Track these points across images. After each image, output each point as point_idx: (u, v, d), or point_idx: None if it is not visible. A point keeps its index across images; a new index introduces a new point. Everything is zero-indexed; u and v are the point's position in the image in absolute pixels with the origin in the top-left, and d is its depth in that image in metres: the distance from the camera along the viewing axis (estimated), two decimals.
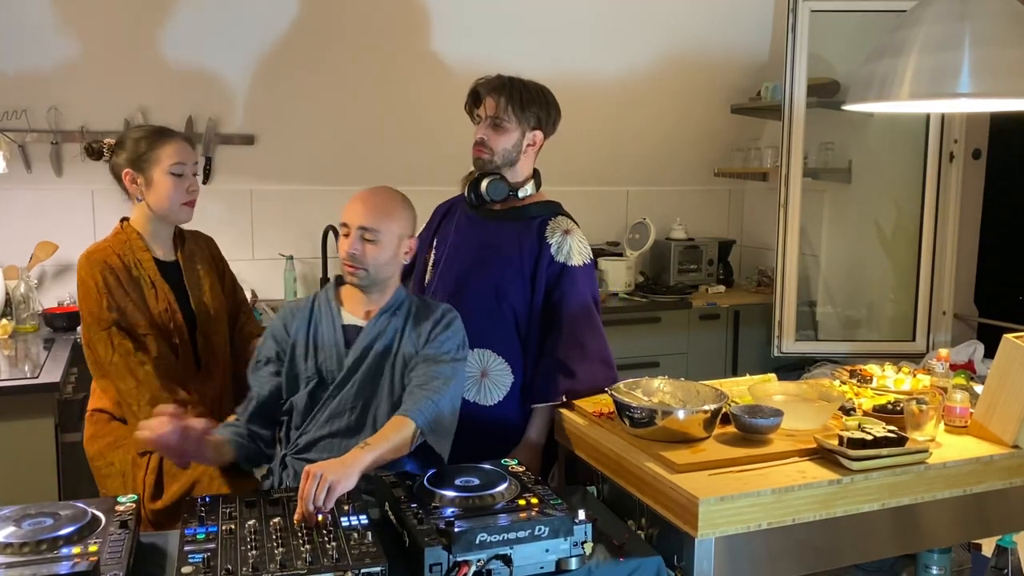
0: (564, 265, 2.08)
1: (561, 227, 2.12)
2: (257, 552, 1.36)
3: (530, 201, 2.17)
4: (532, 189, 2.17)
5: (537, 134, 2.13)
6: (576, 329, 2.07)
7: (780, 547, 1.60)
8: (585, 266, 2.11)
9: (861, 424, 1.73)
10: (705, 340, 4.02)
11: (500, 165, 2.11)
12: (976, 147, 3.72)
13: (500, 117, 2.08)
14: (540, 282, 2.09)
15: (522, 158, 2.13)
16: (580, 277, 2.09)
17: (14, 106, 3.35)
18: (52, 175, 3.49)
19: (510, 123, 2.08)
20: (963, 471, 1.72)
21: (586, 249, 2.14)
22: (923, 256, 3.69)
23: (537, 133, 2.13)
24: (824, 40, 3.61)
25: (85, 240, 3.59)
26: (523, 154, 2.12)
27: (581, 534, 1.46)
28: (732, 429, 1.79)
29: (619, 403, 1.80)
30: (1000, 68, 1.97)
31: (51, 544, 1.36)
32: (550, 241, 2.09)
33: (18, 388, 2.49)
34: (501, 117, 2.08)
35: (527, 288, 2.10)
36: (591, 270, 2.14)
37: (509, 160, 2.11)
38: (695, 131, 4.40)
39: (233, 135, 3.68)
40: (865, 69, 2.17)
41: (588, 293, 2.11)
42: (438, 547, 1.37)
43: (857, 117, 3.39)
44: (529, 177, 2.16)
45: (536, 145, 2.14)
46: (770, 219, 4.03)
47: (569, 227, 2.13)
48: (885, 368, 2.25)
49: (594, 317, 2.11)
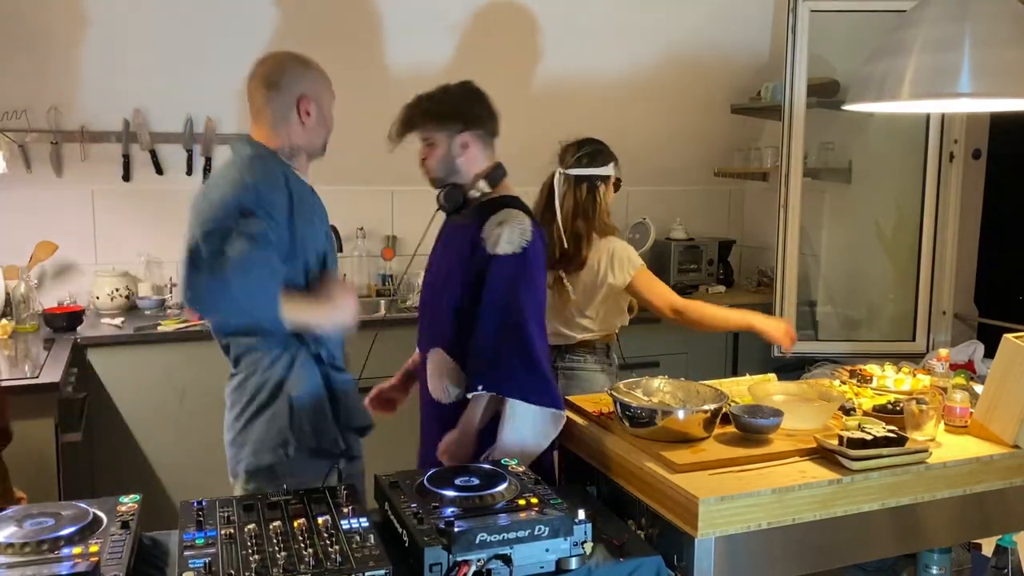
0: (493, 255, 2.04)
1: (498, 219, 2.07)
2: (259, 557, 1.35)
3: (487, 199, 2.15)
4: (487, 187, 2.15)
5: (464, 136, 2.12)
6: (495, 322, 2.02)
7: (780, 547, 1.60)
8: (513, 255, 2.03)
9: (861, 424, 1.73)
10: (705, 340, 4.01)
11: (444, 177, 2.15)
12: (976, 147, 3.72)
13: (424, 136, 2.14)
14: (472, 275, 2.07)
15: (460, 162, 2.13)
16: (505, 267, 2.03)
17: (14, 106, 3.35)
18: (52, 175, 3.49)
19: (434, 138, 2.12)
20: (963, 471, 1.72)
21: (517, 237, 2.05)
22: (923, 256, 3.69)
23: (464, 136, 2.12)
24: (824, 40, 3.61)
25: (85, 240, 3.62)
26: (461, 158, 2.13)
27: (581, 534, 1.46)
28: (732, 429, 1.79)
29: (619, 403, 1.80)
30: (1000, 68, 1.97)
31: (52, 544, 1.36)
32: (484, 234, 2.07)
33: (18, 388, 2.49)
34: (425, 136, 2.14)
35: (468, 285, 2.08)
36: (522, 258, 2.04)
37: (450, 169, 2.14)
38: (695, 131, 4.40)
39: (233, 135, 3.68)
40: (865, 69, 2.17)
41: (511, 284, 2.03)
42: (438, 547, 1.37)
43: (857, 117, 3.39)
44: (480, 176, 2.14)
45: (469, 146, 2.13)
46: (770, 219, 4.02)
47: (505, 217, 2.07)
48: (885, 368, 2.25)
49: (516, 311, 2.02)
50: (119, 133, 3.53)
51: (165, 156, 3.63)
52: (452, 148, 2.12)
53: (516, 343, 1.99)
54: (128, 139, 3.54)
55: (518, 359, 1.98)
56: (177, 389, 3.18)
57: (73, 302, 3.46)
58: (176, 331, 3.19)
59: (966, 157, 3.66)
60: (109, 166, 3.55)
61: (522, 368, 1.98)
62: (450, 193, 2.15)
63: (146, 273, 3.65)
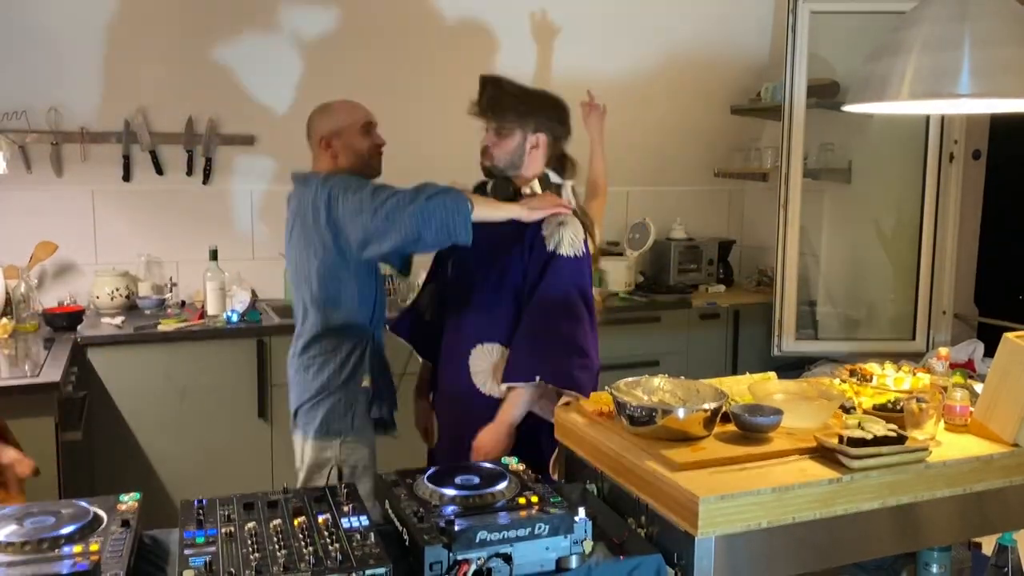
0: (553, 253, 2.10)
1: (559, 220, 2.13)
2: (259, 555, 1.35)
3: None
4: (538, 187, 2.21)
5: (540, 137, 2.18)
6: (553, 314, 2.08)
7: (780, 545, 1.59)
8: (575, 258, 2.11)
9: (861, 423, 1.73)
10: (705, 339, 4.02)
11: (505, 168, 2.19)
12: (976, 147, 3.73)
13: (501, 125, 2.15)
14: (533, 272, 2.12)
15: (526, 160, 2.18)
16: (566, 266, 2.10)
17: (14, 106, 3.36)
18: (52, 175, 3.49)
19: (511, 129, 2.15)
20: (963, 470, 1.72)
21: (579, 242, 2.14)
22: (923, 256, 3.70)
23: (540, 136, 2.18)
24: (824, 40, 3.62)
25: (85, 240, 3.62)
26: (527, 156, 2.18)
27: (581, 532, 1.46)
28: (732, 428, 1.78)
29: (619, 402, 1.80)
30: (1000, 68, 1.97)
31: (52, 543, 1.36)
32: (544, 232, 2.12)
33: (18, 388, 2.49)
34: (502, 125, 2.15)
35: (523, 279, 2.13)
36: (581, 263, 2.13)
37: (514, 164, 2.18)
38: (695, 131, 4.41)
39: (233, 135, 3.68)
40: (865, 69, 2.17)
41: (572, 283, 2.11)
42: (438, 545, 1.36)
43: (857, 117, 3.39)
44: (536, 176, 2.21)
45: (540, 147, 2.19)
46: (770, 219, 4.03)
47: (565, 220, 2.14)
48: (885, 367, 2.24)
49: (576, 307, 2.10)
50: (119, 133, 3.53)
51: (165, 156, 3.64)
52: (525, 144, 2.17)
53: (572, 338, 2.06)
54: (128, 139, 3.54)
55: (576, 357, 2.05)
56: (177, 389, 3.19)
57: (73, 302, 3.46)
58: (176, 331, 3.19)
59: (966, 157, 3.66)
60: (109, 166, 3.55)
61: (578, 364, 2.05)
62: (500, 185, 2.19)
63: (146, 273, 3.66)
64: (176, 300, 3.64)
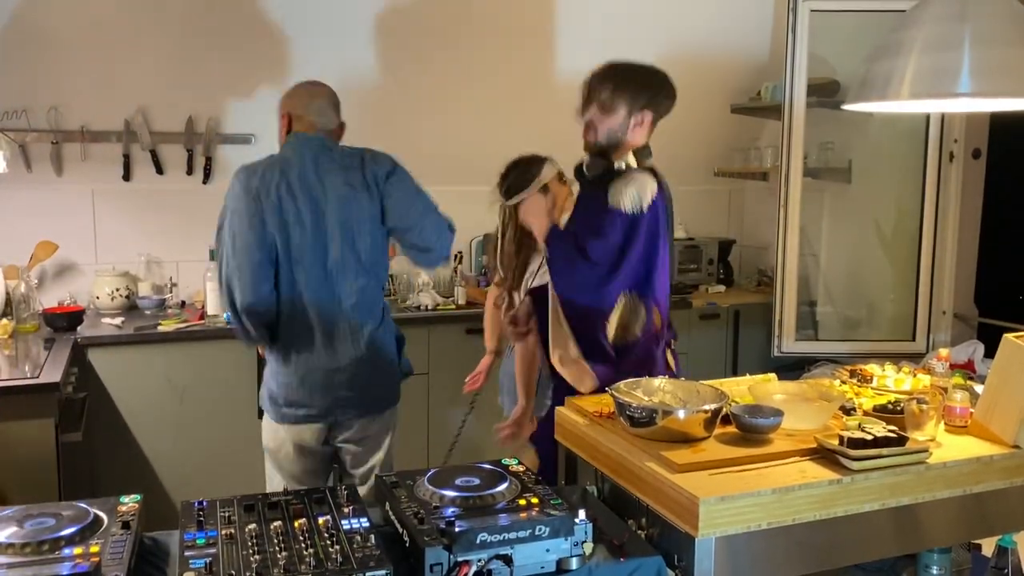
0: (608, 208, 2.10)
1: (629, 177, 2.14)
2: (260, 557, 1.35)
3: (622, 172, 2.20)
4: (633, 161, 2.22)
5: (645, 114, 2.19)
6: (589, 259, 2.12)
7: (780, 547, 1.60)
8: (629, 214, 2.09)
9: (861, 424, 1.73)
10: (705, 340, 4.02)
11: (606, 144, 2.18)
12: (976, 147, 3.73)
13: (606, 101, 2.15)
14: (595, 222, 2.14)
15: (629, 136, 2.19)
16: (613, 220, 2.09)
17: (14, 106, 3.36)
18: (52, 175, 3.49)
19: (617, 106, 2.15)
20: (963, 471, 1.72)
21: (638, 196, 2.10)
22: (923, 256, 3.69)
23: (646, 113, 2.19)
24: (824, 40, 3.62)
25: (85, 240, 3.62)
26: (630, 132, 2.18)
27: (581, 534, 1.46)
28: (732, 429, 1.79)
29: (619, 403, 1.80)
30: (1000, 68, 1.97)
31: (52, 544, 1.36)
32: (611, 189, 2.12)
33: (18, 388, 2.49)
34: (607, 100, 2.15)
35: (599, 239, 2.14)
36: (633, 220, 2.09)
37: (615, 140, 2.18)
38: (695, 131, 4.40)
39: (233, 135, 3.68)
40: (865, 69, 2.17)
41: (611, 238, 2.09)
42: (439, 547, 1.37)
43: (857, 117, 3.39)
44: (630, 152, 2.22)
45: (644, 124, 2.20)
46: (770, 219, 4.03)
47: (634, 177, 2.13)
48: (885, 368, 2.24)
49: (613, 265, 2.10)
50: (119, 133, 3.53)
51: (165, 156, 3.63)
52: (630, 120, 2.17)
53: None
54: (128, 139, 3.54)
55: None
56: (177, 389, 3.19)
57: (73, 302, 3.46)
58: (176, 331, 3.19)
59: (966, 157, 3.66)
60: (109, 166, 3.55)
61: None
62: (595, 162, 2.19)
63: (146, 273, 3.65)
64: (176, 300, 3.63)
